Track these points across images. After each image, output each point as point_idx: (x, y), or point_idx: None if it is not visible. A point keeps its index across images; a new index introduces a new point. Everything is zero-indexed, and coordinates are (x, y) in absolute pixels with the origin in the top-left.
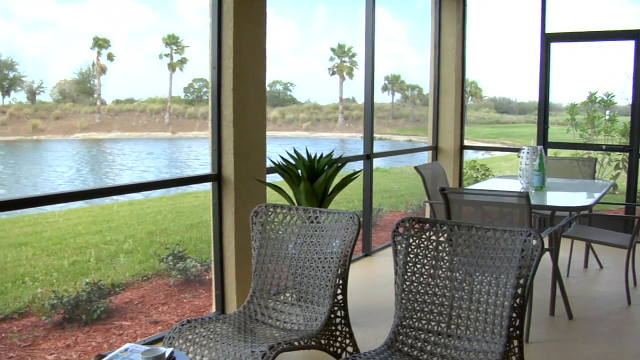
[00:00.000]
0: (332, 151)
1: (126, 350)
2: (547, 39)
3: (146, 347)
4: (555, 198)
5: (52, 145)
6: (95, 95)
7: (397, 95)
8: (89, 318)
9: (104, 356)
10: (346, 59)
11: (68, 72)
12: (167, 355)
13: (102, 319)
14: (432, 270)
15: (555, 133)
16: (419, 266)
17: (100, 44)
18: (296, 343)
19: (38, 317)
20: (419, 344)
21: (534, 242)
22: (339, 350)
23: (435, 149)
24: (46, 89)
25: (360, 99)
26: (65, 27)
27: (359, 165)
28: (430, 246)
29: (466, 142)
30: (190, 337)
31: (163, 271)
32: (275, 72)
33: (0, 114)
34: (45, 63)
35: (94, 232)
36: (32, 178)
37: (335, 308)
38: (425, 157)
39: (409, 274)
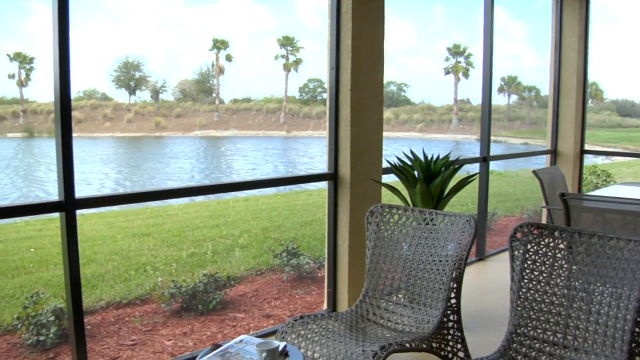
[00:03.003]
0: (449, 153)
1: (241, 341)
2: None
3: (260, 340)
4: None
5: (174, 141)
6: (214, 95)
7: (513, 97)
8: (204, 308)
9: (220, 345)
10: (461, 59)
11: (189, 72)
12: (280, 348)
13: (217, 310)
14: (549, 279)
15: None
16: (536, 273)
17: (218, 45)
18: (407, 345)
19: (158, 304)
20: (533, 354)
21: None
22: (450, 355)
23: (554, 152)
24: (168, 88)
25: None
26: (186, 29)
27: (473, 167)
28: (549, 253)
29: (586, 147)
30: (302, 332)
31: (277, 266)
32: (390, 72)
33: (126, 111)
34: (168, 63)
35: (211, 226)
36: (157, 172)
37: (448, 312)
38: (542, 161)
39: (525, 280)
